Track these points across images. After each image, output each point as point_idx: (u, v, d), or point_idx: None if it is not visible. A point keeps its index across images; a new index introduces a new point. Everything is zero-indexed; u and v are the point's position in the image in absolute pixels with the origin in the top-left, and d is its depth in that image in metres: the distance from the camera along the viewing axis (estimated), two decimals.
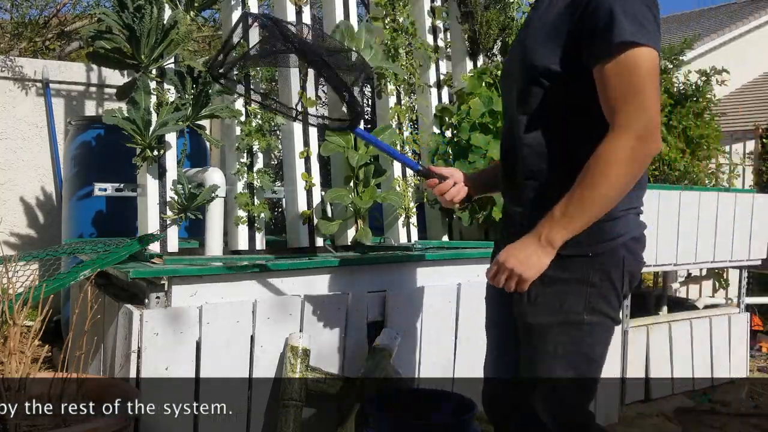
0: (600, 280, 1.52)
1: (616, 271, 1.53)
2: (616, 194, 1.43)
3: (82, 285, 2.49)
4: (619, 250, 1.53)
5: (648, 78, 1.39)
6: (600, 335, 1.58)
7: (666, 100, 3.76)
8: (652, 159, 1.47)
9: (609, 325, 1.57)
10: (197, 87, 2.57)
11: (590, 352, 1.59)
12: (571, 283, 1.52)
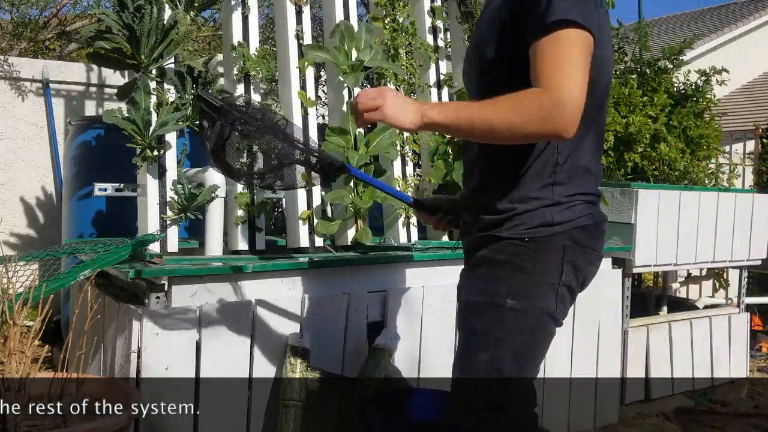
0: (532, 267, 1.47)
1: (553, 260, 1.47)
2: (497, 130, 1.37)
3: (82, 285, 2.49)
4: (559, 238, 1.47)
5: (576, 56, 1.35)
6: (522, 323, 1.48)
7: (666, 100, 3.76)
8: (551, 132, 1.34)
9: (537, 314, 1.48)
10: (197, 87, 2.57)
11: (507, 337, 1.49)
12: (504, 266, 1.49)
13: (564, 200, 1.48)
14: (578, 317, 3.21)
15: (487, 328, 1.51)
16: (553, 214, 1.47)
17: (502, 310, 1.48)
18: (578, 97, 1.32)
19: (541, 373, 3.13)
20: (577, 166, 1.49)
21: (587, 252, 1.51)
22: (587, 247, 1.51)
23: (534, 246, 1.47)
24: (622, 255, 3.36)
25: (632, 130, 3.43)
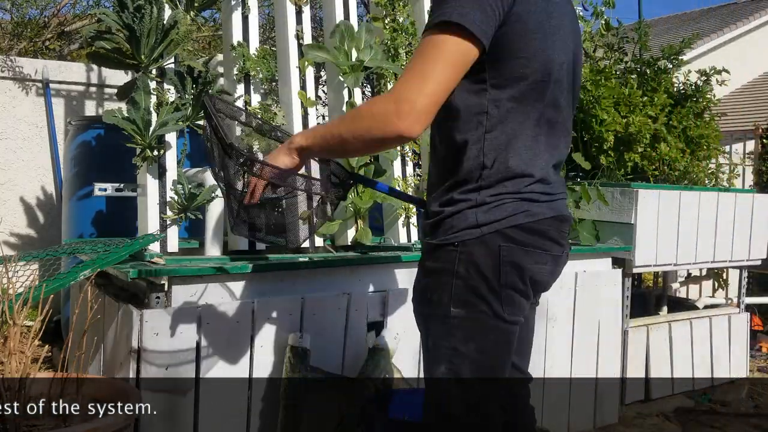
0: (467, 271, 1.42)
1: (488, 261, 1.42)
2: (347, 141, 1.39)
3: (82, 285, 2.49)
4: (491, 239, 1.42)
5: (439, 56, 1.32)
6: (471, 330, 1.44)
7: (666, 100, 3.76)
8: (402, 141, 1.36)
9: (484, 319, 1.43)
10: (197, 87, 2.57)
11: (460, 346, 1.45)
12: (441, 274, 1.45)
13: (489, 200, 1.43)
14: (578, 317, 3.21)
15: (438, 341, 1.49)
16: (477, 215, 1.43)
17: (448, 320, 1.45)
18: (421, 104, 1.30)
19: (541, 373, 3.15)
20: (506, 168, 1.43)
21: (529, 250, 1.45)
22: (528, 245, 1.44)
23: (465, 249, 1.43)
24: (622, 255, 3.36)
25: (632, 130, 3.43)
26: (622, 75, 4.02)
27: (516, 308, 1.46)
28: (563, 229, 1.53)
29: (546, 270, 1.51)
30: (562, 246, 1.53)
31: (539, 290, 1.58)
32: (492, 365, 1.47)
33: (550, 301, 3.10)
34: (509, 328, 1.47)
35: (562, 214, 1.53)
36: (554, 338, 3.12)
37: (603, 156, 3.46)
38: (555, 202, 1.51)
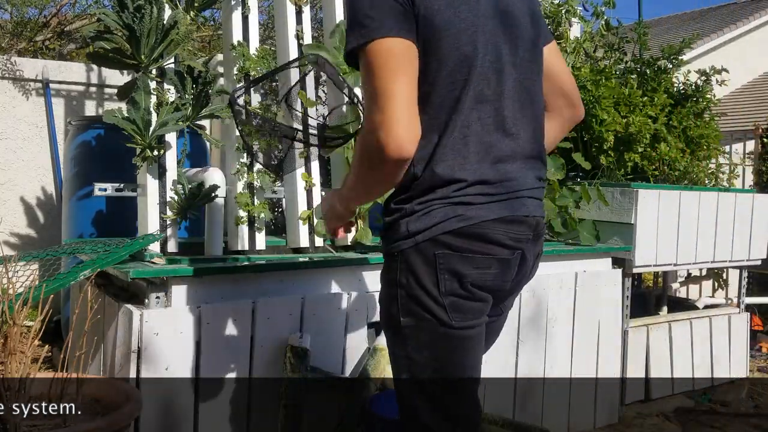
0: (407, 280, 1.41)
1: (426, 270, 1.39)
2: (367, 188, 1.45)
3: (82, 285, 2.49)
4: (426, 247, 1.39)
5: (381, 73, 1.29)
6: (421, 339, 1.43)
7: (666, 100, 3.76)
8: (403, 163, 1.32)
9: (432, 327, 1.41)
10: (197, 87, 2.57)
11: (415, 355, 1.44)
12: (390, 285, 1.46)
13: (417, 208, 1.41)
14: (578, 317, 3.21)
15: (396, 351, 1.49)
16: (408, 225, 1.41)
17: (401, 330, 1.45)
18: (396, 129, 1.27)
19: (541, 373, 3.15)
20: (433, 175, 1.40)
21: (467, 256, 1.40)
22: (465, 250, 1.39)
23: (404, 258, 1.42)
24: (622, 255, 3.36)
25: (632, 130, 3.43)
26: (622, 75, 4.02)
27: (466, 314, 1.42)
28: (515, 230, 1.44)
29: (491, 274, 1.43)
30: (513, 248, 1.45)
31: (500, 295, 1.52)
32: (451, 371, 1.45)
33: (550, 300, 3.10)
34: (461, 333, 1.43)
35: (513, 215, 1.43)
36: (554, 338, 3.12)
37: (603, 156, 3.46)
38: (503, 203, 1.43)
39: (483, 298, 1.44)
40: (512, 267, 1.47)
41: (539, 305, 3.07)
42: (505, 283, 1.49)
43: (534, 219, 1.48)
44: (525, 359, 3.03)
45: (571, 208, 3.34)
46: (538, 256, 1.58)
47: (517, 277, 1.52)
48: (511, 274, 1.48)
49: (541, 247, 1.58)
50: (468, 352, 1.46)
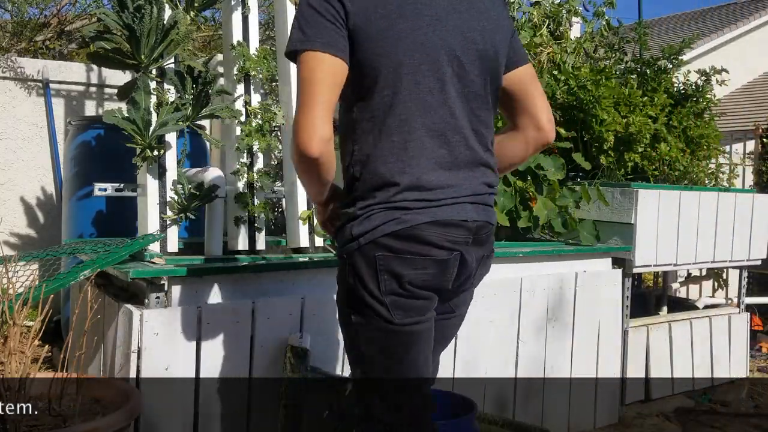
0: (354, 281, 1.51)
1: (368, 271, 1.48)
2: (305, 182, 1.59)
3: (82, 285, 2.48)
4: (368, 249, 1.47)
5: (305, 81, 1.43)
6: (368, 335, 1.53)
7: (666, 100, 3.76)
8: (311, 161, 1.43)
9: (377, 325, 1.50)
10: (197, 87, 2.57)
11: (364, 349, 1.55)
12: (341, 284, 1.56)
13: (359, 213, 1.49)
14: (578, 317, 3.21)
15: (349, 346, 1.59)
16: (352, 229, 1.50)
17: (351, 327, 1.54)
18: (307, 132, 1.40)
19: (541, 373, 3.15)
20: (372, 179, 1.49)
21: (405, 257, 1.47)
22: (403, 252, 1.47)
23: (351, 261, 1.51)
24: (622, 255, 3.36)
25: (632, 130, 3.43)
26: (622, 75, 4.02)
27: (408, 311, 1.50)
28: (452, 233, 1.50)
29: (429, 274, 1.50)
30: (450, 250, 1.50)
31: (445, 294, 1.58)
32: (398, 365, 1.54)
33: (550, 301, 3.10)
34: (405, 329, 1.51)
35: (448, 219, 1.49)
36: (554, 338, 3.12)
37: (603, 156, 3.46)
38: (440, 208, 1.49)
39: (424, 296, 1.52)
40: (450, 267, 1.53)
41: (539, 305, 3.07)
42: (446, 283, 1.55)
43: (474, 223, 1.54)
44: (525, 359, 3.03)
45: (572, 208, 3.34)
46: (484, 258, 1.63)
47: (460, 278, 1.57)
48: (450, 273, 1.54)
49: (487, 251, 1.63)
50: (412, 347, 1.54)
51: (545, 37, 3.95)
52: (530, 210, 3.31)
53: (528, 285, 3.02)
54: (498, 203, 3.25)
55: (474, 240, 1.55)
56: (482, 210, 1.57)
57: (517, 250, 3.04)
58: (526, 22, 3.93)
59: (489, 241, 1.63)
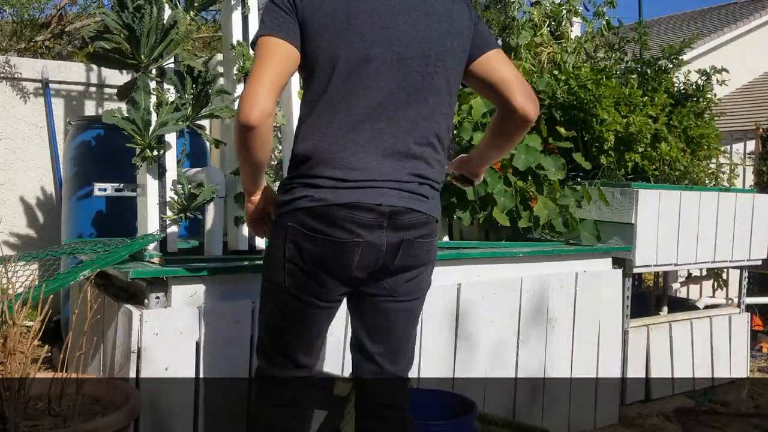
0: (272, 246, 1.71)
1: (281, 238, 1.65)
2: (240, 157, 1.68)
3: (82, 285, 2.48)
4: (284, 218, 1.64)
5: (255, 60, 1.60)
6: (268, 294, 1.75)
7: (666, 100, 3.76)
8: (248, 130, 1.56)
9: (273, 286, 1.70)
10: (197, 87, 2.57)
11: (264, 308, 1.79)
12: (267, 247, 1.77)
13: (286, 185, 1.67)
14: (578, 317, 3.21)
15: (261, 294, 1.80)
16: (282, 198, 1.67)
17: (264, 281, 1.76)
18: (249, 103, 1.55)
19: (542, 373, 3.15)
20: (298, 153, 1.65)
21: (309, 234, 1.61)
22: (310, 229, 1.60)
23: (274, 227, 1.70)
24: (623, 255, 3.36)
25: (632, 130, 3.43)
26: (623, 75, 4.02)
27: (298, 282, 1.66)
28: (359, 216, 1.59)
29: (326, 255, 1.62)
30: (352, 233, 1.60)
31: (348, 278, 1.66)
32: (277, 328, 1.76)
33: (551, 300, 3.10)
34: (292, 301, 1.69)
35: (357, 201, 1.59)
36: (554, 338, 3.12)
37: (603, 156, 3.46)
38: (351, 190, 1.59)
39: (321, 278, 1.65)
40: (350, 251, 1.62)
41: (539, 305, 3.07)
42: (348, 267, 1.63)
43: (389, 208, 1.61)
44: (525, 359, 3.03)
45: (572, 207, 3.34)
46: (406, 242, 1.67)
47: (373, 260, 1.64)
48: (351, 258, 1.62)
49: (411, 235, 1.67)
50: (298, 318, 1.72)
51: (545, 36, 3.94)
52: (531, 210, 3.31)
53: (528, 285, 3.02)
54: (498, 203, 3.24)
55: (390, 224, 1.63)
56: (406, 197, 1.64)
57: (517, 250, 3.04)
58: (527, 22, 3.92)
59: (415, 227, 1.67)
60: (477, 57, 1.74)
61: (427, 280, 1.81)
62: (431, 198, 1.71)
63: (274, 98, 1.58)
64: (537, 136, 3.38)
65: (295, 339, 1.76)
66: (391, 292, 1.73)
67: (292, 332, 1.75)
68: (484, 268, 2.93)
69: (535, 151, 3.30)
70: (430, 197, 1.70)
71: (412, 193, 1.65)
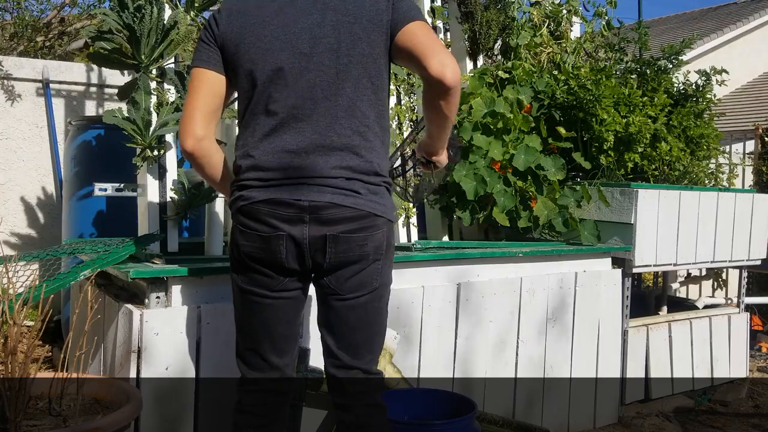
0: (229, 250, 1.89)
1: (231, 241, 1.83)
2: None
3: (82, 285, 2.49)
4: (232, 222, 1.84)
5: (188, 90, 1.83)
6: (233, 295, 1.88)
7: (666, 100, 3.76)
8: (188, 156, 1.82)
9: (235, 288, 1.85)
10: None
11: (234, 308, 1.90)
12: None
13: (231, 188, 1.83)
14: (578, 317, 3.21)
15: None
16: (229, 205, 1.88)
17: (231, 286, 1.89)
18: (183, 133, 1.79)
19: (541, 372, 3.15)
20: (234, 163, 1.82)
21: (245, 231, 1.77)
22: (245, 226, 1.77)
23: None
24: (622, 255, 3.36)
25: (632, 130, 3.43)
26: (623, 75, 4.02)
27: (248, 278, 1.80)
28: (281, 211, 1.73)
29: (256, 248, 1.76)
30: (274, 227, 1.73)
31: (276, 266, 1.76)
32: (240, 321, 1.88)
33: (550, 300, 3.10)
34: (247, 296, 1.81)
35: (279, 198, 1.73)
36: (554, 338, 3.12)
37: (603, 156, 3.46)
38: (273, 188, 1.74)
39: (260, 270, 1.77)
40: (275, 244, 1.74)
41: (539, 305, 3.07)
42: (279, 259, 1.74)
43: (310, 203, 1.71)
44: (525, 359, 3.03)
45: (572, 207, 3.35)
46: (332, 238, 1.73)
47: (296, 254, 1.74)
48: (278, 250, 1.74)
49: (335, 230, 1.73)
50: (251, 314, 1.83)
51: (545, 37, 3.95)
52: (530, 210, 3.31)
53: (528, 285, 3.03)
54: (498, 203, 3.25)
55: (313, 219, 1.72)
56: (329, 192, 1.72)
57: (517, 250, 3.05)
58: (526, 22, 3.93)
59: (341, 222, 1.73)
60: (397, 32, 1.77)
61: (377, 276, 1.82)
62: (366, 193, 1.76)
63: (205, 122, 1.79)
64: (537, 136, 3.38)
65: (260, 335, 1.85)
66: (336, 290, 1.79)
67: (256, 328, 1.84)
68: (484, 268, 2.93)
69: (535, 151, 3.30)
70: (364, 192, 1.75)
71: (337, 188, 1.73)
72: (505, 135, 3.36)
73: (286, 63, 1.74)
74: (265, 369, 1.88)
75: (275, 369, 1.88)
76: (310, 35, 1.74)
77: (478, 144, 3.32)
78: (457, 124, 3.51)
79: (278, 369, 1.88)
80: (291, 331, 1.87)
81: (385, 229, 1.80)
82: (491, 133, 3.37)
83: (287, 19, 1.76)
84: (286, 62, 1.74)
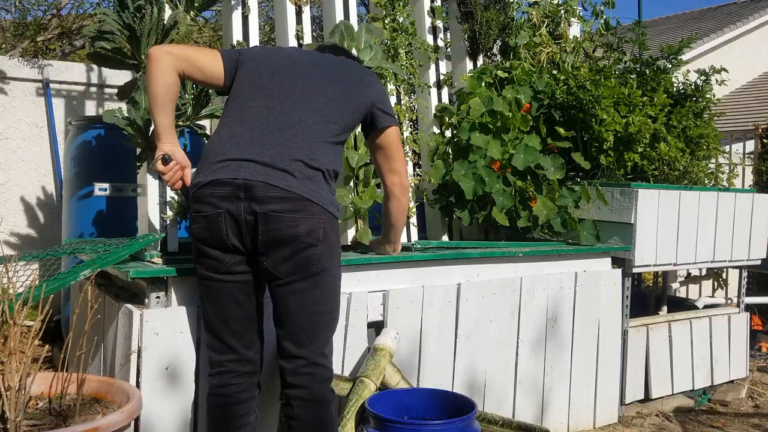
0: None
1: (190, 228, 1.99)
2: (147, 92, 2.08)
3: (83, 285, 2.49)
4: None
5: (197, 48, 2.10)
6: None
7: (665, 100, 3.75)
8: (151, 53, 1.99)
9: (196, 273, 2.01)
10: (197, 87, 2.57)
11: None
12: None
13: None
14: (578, 317, 3.21)
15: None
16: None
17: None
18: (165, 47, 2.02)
19: (540, 372, 3.15)
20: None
21: (194, 215, 1.93)
22: (194, 210, 1.93)
23: None
24: (622, 255, 3.36)
25: (632, 130, 3.43)
26: (622, 75, 4.02)
27: (201, 264, 1.96)
28: (219, 190, 1.88)
29: (202, 228, 1.91)
30: (214, 206, 1.88)
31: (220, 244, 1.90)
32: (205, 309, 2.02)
33: (550, 300, 3.10)
34: (204, 282, 1.98)
35: (217, 178, 1.89)
36: (554, 337, 3.12)
37: (603, 156, 3.46)
38: (219, 169, 1.90)
39: (210, 254, 1.92)
40: (218, 222, 1.88)
41: (539, 305, 3.07)
42: (223, 237, 1.89)
43: (245, 181, 1.86)
44: (525, 359, 3.03)
45: (571, 207, 3.35)
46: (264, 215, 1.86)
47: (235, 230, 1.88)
48: (220, 228, 1.88)
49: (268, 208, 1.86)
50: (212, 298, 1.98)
51: (544, 37, 3.95)
52: (530, 210, 3.31)
53: (528, 285, 3.03)
54: (497, 203, 3.25)
55: (247, 197, 1.86)
56: (263, 172, 1.87)
57: (516, 250, 3.05)
58: (525, 22, 3.93)
59: (273, 201, 1.86)
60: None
61: (314, 262, 1.92)
62: (300, 177, 1.90)
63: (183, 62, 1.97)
64: (536, 136, 3.38)
65: (216, 318, 1.99)
66: (274, 272, 1.91)
67: (212, 311, 1.99)
68: (483, 267, 2.93)
69: (534, 151, 3.30)
70: (299, 175, 1.89)
71: (272, 167, 1.88)
72: (504, 134, 3.36)
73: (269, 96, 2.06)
74: (225, 351, 2.01)
75: (233, 351, 2.01)
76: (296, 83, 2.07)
77: (476, 143, 3.32)
78: (456, 123, 3.51)
79: (236, 351, 2.00)
80: (243, 313, 1.99)
81: (323, 218, 1.91)
82: (490, 132, 3.37)
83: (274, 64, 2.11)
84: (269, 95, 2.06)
